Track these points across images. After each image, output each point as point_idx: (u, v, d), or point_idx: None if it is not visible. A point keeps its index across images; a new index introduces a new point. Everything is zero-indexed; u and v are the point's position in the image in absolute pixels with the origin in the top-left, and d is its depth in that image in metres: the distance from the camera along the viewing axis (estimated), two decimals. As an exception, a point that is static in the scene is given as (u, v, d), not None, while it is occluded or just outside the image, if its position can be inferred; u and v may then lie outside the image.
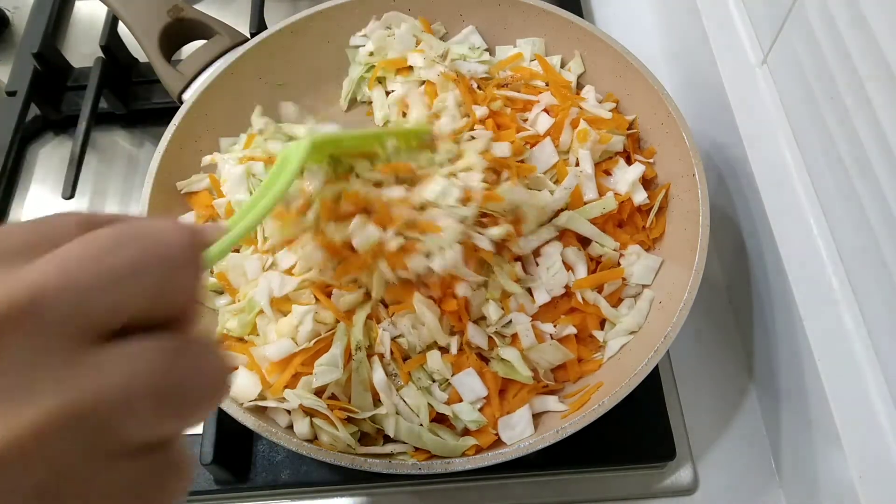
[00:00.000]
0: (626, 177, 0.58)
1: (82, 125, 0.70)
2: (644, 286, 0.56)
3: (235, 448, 0.57)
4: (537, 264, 0.54)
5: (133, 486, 0.22)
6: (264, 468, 0.57)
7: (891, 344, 0.46)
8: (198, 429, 0.55)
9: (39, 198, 0.76)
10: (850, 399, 0.48)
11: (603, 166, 0.58)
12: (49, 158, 0.78)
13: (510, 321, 0.52)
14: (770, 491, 0.58)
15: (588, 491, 0.57)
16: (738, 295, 0.64)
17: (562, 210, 0.55)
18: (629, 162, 0.59)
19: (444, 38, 0.68)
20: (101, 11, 0.77)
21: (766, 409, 0.60)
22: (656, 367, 0.48)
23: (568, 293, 0.54)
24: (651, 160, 0.60)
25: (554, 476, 0.57)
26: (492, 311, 0.51)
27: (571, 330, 0.53)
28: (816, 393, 0.50)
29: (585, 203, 0.56)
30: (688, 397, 0.61)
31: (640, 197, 0.57)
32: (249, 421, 0.47)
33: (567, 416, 0.49)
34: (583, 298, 0.54)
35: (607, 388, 0.50)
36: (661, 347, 0.48)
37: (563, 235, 0.55)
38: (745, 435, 0.60)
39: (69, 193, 0.67)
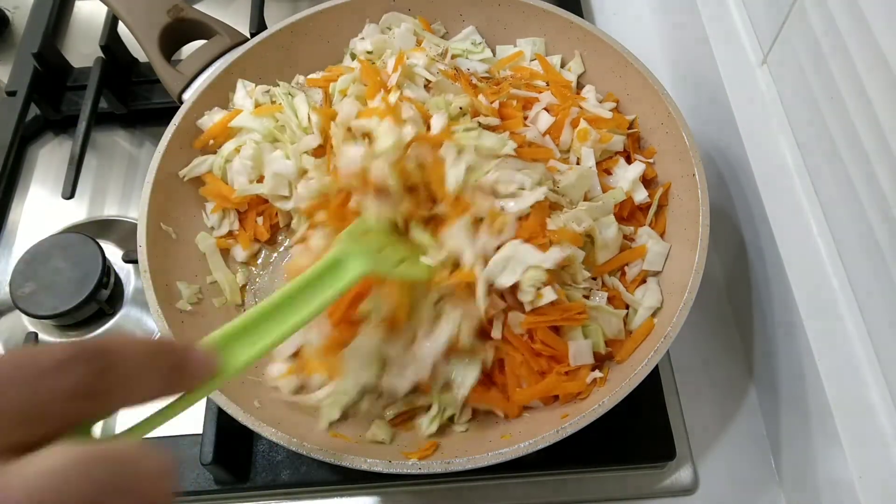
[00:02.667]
0: (626, 175, 0.58)
1: (82, 125, 0.70)
2: (652, 274, 0.56)
3: (235, 448, 0.57)
4: None
5: None
6: (264, 468, 0.57)
7: (891, 344, 0.46)
8: (198, 429, 0.55)
9: (39, 198, 0.76)
10: (850, 399, 0.48)
11: (603, 165, 0.59)
12: (49, 158, 0.78)
13: None
14: (770, 491, 0.58)
15: (588, 491, 0.57)
16: (738, 295, 0.64)
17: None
18: (629, 161, 0.59)
19: (444, 38, 0.68)
20: (101, 11, 0.77)
21: (766, 409, 0.60)
22: (656, 367, 0.48)
23: None
24: (651, 160, 0.60)
25: (554, 476, 0.57)
26: None
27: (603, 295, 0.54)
28: (816, 393, 0.50)
29: (591, 199, 0.56)
30: (688, 397, 0.61)
31: (641, 195, 0.57)
32: (249, 421, 0.47)
33: (567, 416, 0.49)
34: (602, 283, 0.55)
35: (607, 387, 0.50)
36: (661, 347, 0.48)
37: None
38: (745, 435, 0.60)
39: (69, 193, 0.67)
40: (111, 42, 0.75)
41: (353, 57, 0.66)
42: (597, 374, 0.51)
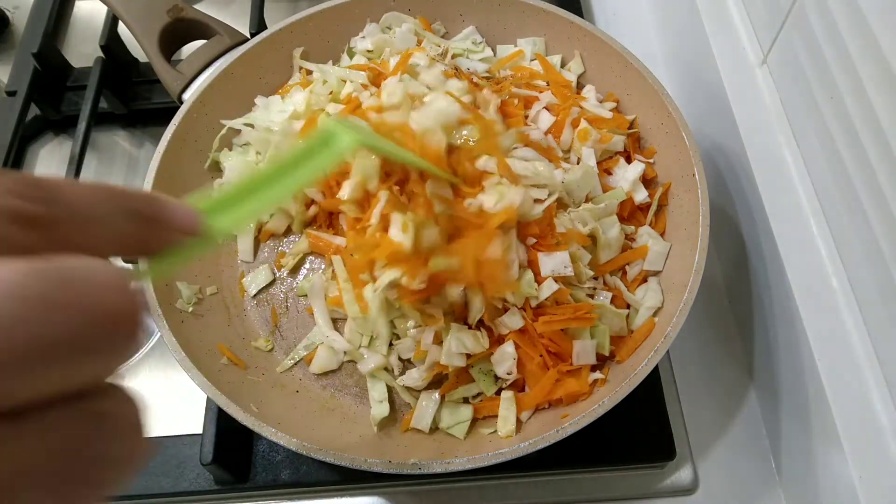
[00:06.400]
0: (626, 175, 0.58)
1: (82, 125, 0.70)
2: (652, 274, 0.56)
3: (235, 448, 0.57)
4: None
5: None
6: (264, 468, 0.57)
7: (891, 344, 0.46)
8: (198, 429, 0.55)
9: (39, 198, 0.76)
10: (850, 399, 0.48)
11: (603, 165, 0.59)
12: (49, 158, 0.78)
13: None
14: (770, 491, 0.58)
15: (588, 491, 0.57)
16: (738, 295, 0.64)
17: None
18: (629, 161, 0.59)
19: (444, 38, 0.68)
20: (101, 11, 0.77)
21: (766, 409, 0.60)
22: (656, 367, 0.48)
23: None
24: (651, 160, 0.60)
25: (554, 476, 0.57)
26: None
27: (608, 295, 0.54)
28: (816, 393, 0.50)
29: (592, 199, 0.56)
30: (688, 397, 0.61)
31: (641, 195, 0.57)
32: (249, 421, 0.47)
33: (567, 416, 0.49)
34: (604, 283, 0.55)
35: (608, 387, 0.50)
36: (661, 347, 0.48)
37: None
38: (745, 435, 0.60)
39: (69, 193, 0.67)
40: (111, 42, 0.75)
41: (351, 55, 0.67)
42: (597, 374, 0.51)
